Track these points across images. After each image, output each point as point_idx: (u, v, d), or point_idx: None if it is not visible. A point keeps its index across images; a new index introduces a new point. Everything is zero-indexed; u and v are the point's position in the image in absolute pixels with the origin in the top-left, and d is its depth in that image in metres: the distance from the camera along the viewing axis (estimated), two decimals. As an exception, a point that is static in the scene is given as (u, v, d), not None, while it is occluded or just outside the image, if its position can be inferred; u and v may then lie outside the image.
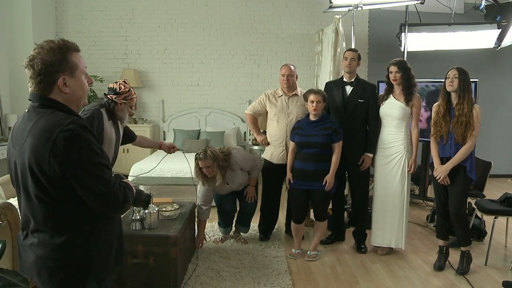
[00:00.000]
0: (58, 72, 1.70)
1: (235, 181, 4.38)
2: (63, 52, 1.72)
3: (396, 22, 6.85)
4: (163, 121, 7.99)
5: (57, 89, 1.71)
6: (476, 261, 4.20)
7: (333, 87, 4.53)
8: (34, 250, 1.75)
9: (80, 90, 1.79)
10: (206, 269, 3.97)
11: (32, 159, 1.63)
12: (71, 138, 1.61)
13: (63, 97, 1.73)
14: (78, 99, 1.80)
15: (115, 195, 1.72)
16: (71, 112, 1.74)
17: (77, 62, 1.76)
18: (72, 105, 1.77)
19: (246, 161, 4.42)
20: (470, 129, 3.76)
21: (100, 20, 7.80)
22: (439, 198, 4.07)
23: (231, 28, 7.86)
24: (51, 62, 1.68)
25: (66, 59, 1.72)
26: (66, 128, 1.61)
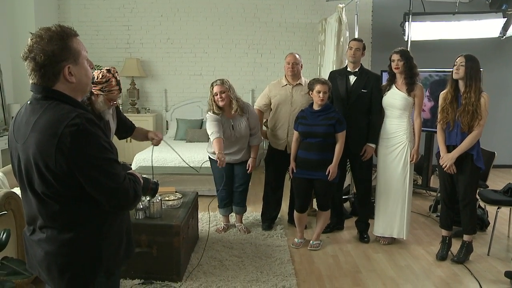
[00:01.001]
0: (62, 61, 1.61)
1: (239, 129, 4.33)
2: (63, 40, 1.63)
3: (399, 11, 6.80)
4: (166, 111, 7.98)
5: (63, 79, 1.63)
6: (478, 251, 4.21)
7: (337, 76, 4.52)
8: (42, 246, 1.69)
9: (86, 77, 1.72)
10: (209, 258, 3.99)
11: (37, 155, 1.56)
12: (78, 133, 1.53)
13: (68, 86, 1.65)
14: (84, 87, 1.73)
15: (125, 191, 1.66)
16: (76, 104, 1.66)
17: (79, 48, 1.69)
18: (78, 94, 1.70)
19: (255, 115, 4.46)
20: (477, 119, 3.72)
21: (102, 9, 7.77)
22: (444, 187, 4.06)
23: (234, 17, 7.83)
24: (53, 52, 1.59)
25: (68, 47, 1.63)
26: (72, 123, 1.53)
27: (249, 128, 4.40)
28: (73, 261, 1.69)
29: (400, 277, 3.74)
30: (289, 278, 3.63)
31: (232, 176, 4.57)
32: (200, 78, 7.97)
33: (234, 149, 4.42)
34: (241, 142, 4.41)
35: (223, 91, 4.20)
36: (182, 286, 3.48)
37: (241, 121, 4.34)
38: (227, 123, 4.33)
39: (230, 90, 4.25)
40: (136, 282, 3.49)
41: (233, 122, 4.33)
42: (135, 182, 1.75)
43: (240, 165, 4.52)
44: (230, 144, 4.37)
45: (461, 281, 3.70)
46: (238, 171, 4.54)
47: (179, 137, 7.23)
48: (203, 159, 5.66)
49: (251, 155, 4.53)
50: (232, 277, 3.64)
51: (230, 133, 4.33)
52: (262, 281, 3.56)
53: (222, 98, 4.20)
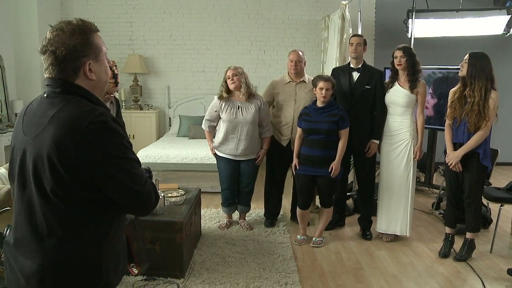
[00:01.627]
0: (83, 57, 1.53)
1: (247, 112, 4.38)
2: (85, 34, 1.55)
3: (403, 8, 6.78)
4: (169, 107, 7.98)
5: (82, 75, 1.55)
6: (481, 248, 4.20)
7: (340, 73, 4.51)
8: (34, 257, 1.51)
9: (105, 75, 1.65)
10: (212, 254, 3.99)
11: (53, 150, 1.43)
12: (103, 131, 1.45)
13: (88, 83, 1.57)
14: (103, 85, 1.66)
15: (148, 194, 1.59)
16: (98, 102, 1.58)
17: (100, 44, 1.61)
18: (96, 92, 1.61)
19: (267, 107, 4.55)
20: (484, 119, 3.69)
21: (105, 5, 7.77)
22: (450, 185, 4.06)
23: (237, 14, 7.81)
24: (75, 47, 1.51)
25: (89, 42, 1.56)
26: (97, 120, 1.45)
27: (258, 117, 4.43)
28: (72, 274, 1.54)
29: (403, 274, 3.74)
30: (291, 274, 3.63)
31: (238, 175, 4.57)
32: (203, 74, 7.96)
33: (238, 137, 4.40)
34: (245, 130, 4.39)
35: (236, 74, 4.38)
36: (185, 282, 3.49)
37: (249, 106, 4.40)
38: (233, 104, 4.40)
39: (242, 76, 4.41)
40: (139, 278, 3.50)
41: (240, 104, 4.40)
42: (153, 184, 1.68)
43: (247, 163, 4.51)
44: (233, 128, 4.39)
45: (463, 278, 3.69)
46: (244, 169, 4.54)
47: (182, 134, 7.23)
48: (206, 156, 5.70)
49: (263, 146, 4.55)
50: (235, 273, 3.64)
51: (235, 115, 4.38)
52: (265, 278, 3.57)
53: (233, 81, 4.35)
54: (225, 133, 4.40)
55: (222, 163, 4.53)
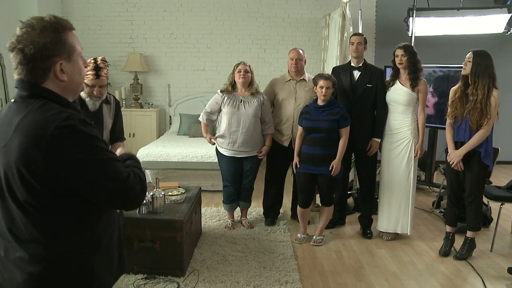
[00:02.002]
0: (54, 56, 1.43)
1: (250, 106, 4.39)
2: (58, 32, 1.44)
3: (403, 6, 6.77)
4: (169, 106, 7.98)
5: (53, 76, 1.45)
6: (481, 247, 4.20)
7: (340, 72, 4.50)
8: (23, 266, 1.45)
9: (78, 76, 1.54)
10: (212, 253, 3.99)
11: (20, 161, 1.35)
12: (71, 135, 1.36)
13: (59, 85, 1.47)
14: (76, 86, 1.55)
15: (130, 188, 1.48)
16: (67, 104, 1.48)
17: (74, 44, 1.50)
18: (69, 94, 1.52)
19: (268, 104, 4.56)
20: (486, 117, 3.69)
21: (105, 4, 7.75)
22: (451, 184, 4.05)
23: (237, 12, 7.80)
24: (45, 45, 1.41)
25: (62, 41, 1.45)
26: (63, 124, 1.35)
27: (260, 112, 4.44)
28: (63, 282, 1.49)
29: (403, 273, 3.74)
30: (292, 273, 3.63)
31: (241, 172, 4.58)
32: (203, 73, 7.95)
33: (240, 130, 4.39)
34: (248, 124, 4.39)
35: (247, 71, 4.41)
36: (185, 281, 3.49)
37: (252, 100, 4.42)
38: (236, 98, 4.42)
39: (252, 73, 4.47)
40: (139, 277, 3.50)
41: (243, 99, 4.42)
42: (138, 174, 1.57)
43: (248, 160, 4.52)
44: (236, 121, 4.39)
45: (464, 277, 3.69)
46: (247, 167, 4.55)
47: (182, 132, 7.22)
48: (206, 154, 5.70)
49: (266, 143, 4.56)
50: (235, 272, 3.65)
51: (238, 108, 4.39)
52: (265, 276, 3.57)
53: (243, 76, 4.37)
54: (227, 126, 4.41)
55: (224, 161, 4.53)
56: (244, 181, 4.60)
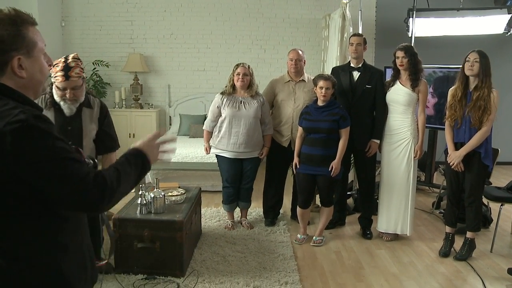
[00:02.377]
0: (12, 51, 1.35)
1: (250, 106, 4.40)
2: (16, 26, 1.36)
3: (403, 7, 6.77)
4: (169, 106, 7.98)
5: (10, 72, 1.36)
6: (481, 248, 4.20)
7: (340, 72, 4.50)
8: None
9: (39, 73, 1.44)
10: (212, 254, 3.99)
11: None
12: (21, 131, 1.25)
13: (17, 82, 1.38)
14: (36, 84, 1.45)
15: (85, 190, 1.31)
16: (24, 100, 1.38)
17: (35, 39, 1.41)
18: (28, 92, 1.42)
19: (267, 104, 4.57)
20: (487, 114, 3.69)
21: (105, 4, 7.75)
22: (451, 185, 4.05)
23: (237, 13, 7.80)
24: (2, 38, 1.33)
25: (21, 35, 1.36)
26: (14, 120, 1.25)
27: (260, 113, 4.45)
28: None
29: (403, 274, 3.74)
30: (292, 274, 3.63)
31: (241, 173, 4.58)
32: (204, 73, 7.95)
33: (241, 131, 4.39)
34: (249, 124, 4.39)
35: (246, 74, 4.40)
36: (185, 281, 3.49)
37: (251, 101, 4.42)
38: (236, 99, 4.43)
39: (251, 76, 4.46)
40: (139, 277, 3.50)
41: (243, 100, 4.42)
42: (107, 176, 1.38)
43: (249, 161, 4.53)
44: (236, 122, 4.39)
45: (464, 278, 3.70)
46: (247, 168, 4.55)
47: (182, 133, 7.22)
48: (206, 155, 5.68)
49: (265, 144, 4.57)
50: (235, 272, 3.65)
51: (238, 108, 4.39)
52: (265, 277, 3.57)
53: (242, 80, 4.36)
54: (227, 126, 4.41)
55: (224, 163, 4.53)
56: (244, 182, 4.60)
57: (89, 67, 7.41)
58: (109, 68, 7.66)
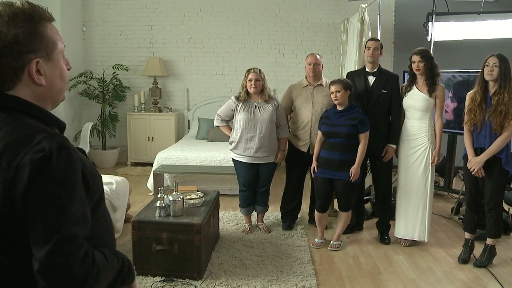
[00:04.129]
0: (29, 52, 1.11)
1: (265, 111, 4.41)
2: (33, 22, 1.12)
3: (423, 11, 6.72)
4: (188, 110, 8.04)
5: (27, 79, 1.13)
6: (502, 255, 4.14)
7: (355, 77, 4.50)
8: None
9: (60, 80, 1.21)
10: (230, 257, 4.01)
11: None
12: (42, 164, 1.03)
13: (34, 91, 1.15)
14: (57, 93, 1.22)
15: (70, 268, 1.03)
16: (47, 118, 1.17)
17: (55, 38, 1.18)
18: (47, 103, 1.20)
19: (282, 109, 4.57)
20: (508, 118, 3.63)
21: (126, 9, 7.86)
22: (470, 190, 4.00)
23: (256, 17, 7.84)
24: (16, 37, 1.09)
25: (39, 33, 1.13)
26: (37, 148, 1.04)
27: (275, 117, 4.46)
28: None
29: (421, 280, 3.71)
30: (309, 278, 3.63)
31: (257, 177, 4.60)
32: (222, 77, 8.00)
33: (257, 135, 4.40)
34: (265, 129, 4.40)
35: (258, 79, 4.41)
36: (203, 284, 3.52)
37: (266, 106, 4.44)
38: (250, 104, 4.45)
39: (264, 80, 4.47)
40: (157, 279, 3.53)
41: (257, 104, 4.44)
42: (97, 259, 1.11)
43: (265, 166, 4.54)
44: (252, 127, 4.41)
45: (484, 285, 3.65)
46: (262, 172, 4.56)
47: (200, 136, 7.28)
48: (224, 159, 5.74)
49: (280, 147, 4.58)
50: (252, 276, 3.66)
51: (253, 113, 4.41)
52: (282, 281, 3.58)
53: (255, 86, 4.38)
54: (242, 132, 4.43)
55: (241, 168, 4.55)
56: (260, 186, 4.61)
57: (109, 71, 7.53)
58: (128, 72, 7.75)
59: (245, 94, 4.46)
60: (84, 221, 1.10)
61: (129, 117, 7.67)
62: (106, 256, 1.17)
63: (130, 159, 7.73)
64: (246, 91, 4.45)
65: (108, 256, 1.18)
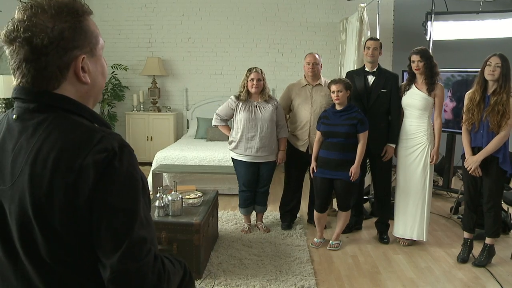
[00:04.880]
0: (74, 48, 1.04)
1: (265, 110, 4.41)
2: (77, 16, 1.05)
3: (422, 10, 6.72)
4: (187, 110, 8.04)
5: (73, 77, 1.05)
6: (501, 254, 4.15)
7: (354, 76, 4.50)
8: None
9: (102, 77, 1.16)
10: (229, 257, 4.01)
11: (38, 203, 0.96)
12: (108, 164, 0.97)
13: (78, 90, 1.07)
14: (99, 91, 1.16)
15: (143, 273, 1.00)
16: (95, 118, 1.10)
17: (97, 33, 1.13)
18: (89, 102, 1.13)
19: (282, 109, 4.57)
20: (505, 118, 3.63)
21: (124, 8, 7.86)
22: (468, 190, 4.01)
23: (254, 17, 7.84)
24: (62, 33, 1.01)
25: (83, 28, 1.06)
26: (99, 148, 0.97)
27: (275, 117, 4.46)
28: None
29: (420, 279, 3.71)
30: (308, 277, 3.63)
31: (257, 177, 4.59)
32: (221, 77, 8.00)
33: (258, 135, 4.40)
34: (265, 128, 4.40)
35: (260, 79, 4.42)
36: (202, 283, 3.52)
37: (266, 106, 4.44)
38: (251, 104, 4.45)
39: (264, 80, 4.48)
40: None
41: (258, 104, 4.44)
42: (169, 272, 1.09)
43: (265, 165, 4.53)
44: (253, 126, 4.41)
45: (483, 284, 3.65)
46: (263, 171, 4.56)
47: (199, 136, 7.28)
48: (223, 158, 5.73)
49: (280, 147, 4.58)
50: (251, 275, 3.66)
51: (254, 113, 4.41)
52: (281, 280, 3.58)
53: (256, 85, 4.38)
54: (243, 131, 4.42)
55: (241, 167, 4.54)
56: (260, 186, 4.61)
57: (108, 71, 7.51)
58: (127, 72, 7.75)
59: (246, 94, 4.45)
60: (149, 224, 1.05)
61: (128, 116, 7.67)
62: (172, 261, 1.14)
63: (129, 159, 7.70)
64: (247, 91, 4.45)
65: (173, 261, 1.16)
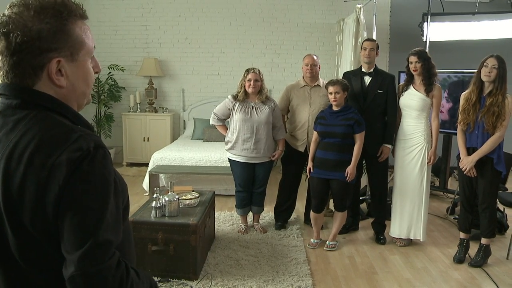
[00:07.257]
0: (51, 51, 1.04)
1: (262, 112, 4.41)
2: (61, 18, 1.04)
3: (418, 11, 6.75)
4: (183, 110, 8.03)
5: (46, 78, 1.06)
6: (497, 254, 4.16)
7: (351, 77, 4.51)
8: None
9: (83, 83, 1.13)
10: (225, 257, 4.01)
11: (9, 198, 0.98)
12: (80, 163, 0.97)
13: (56, 92, 1.08)
14: (79, 97, 1.14)
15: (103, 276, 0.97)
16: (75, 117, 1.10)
17: (83, 37, 1.10)
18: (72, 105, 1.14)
19: (279, 110, 4.59)
20: (500, 119, 3.64)
21: (121, 9, 7.85)
22: (463, 190, 4.02)
23: (251, 18, 7.84)
24: (39, 33, 1.01)
25: (65, 30, 1.05)
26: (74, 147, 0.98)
27: (272, 118, 4.46)
28: None
29: (417, 279, 3.72)
30: (305, 278, 3.63)
31: (253, 178, 4.59)
32: (218, 78, 8.00)
33: (254, 137, 4.40)
34: (261, 130, 4.41)
35: (257, 80, 4.41)
36: (199, 284, 3.51)
37: (263, 107, 4.44)
38: (248, 105, 4.44)
39: (262, 81, 4.47)
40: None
41: (255, 105, 4.43)
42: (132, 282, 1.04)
43: (261, 166, 4.54)
44: (248, 128, 4.41)
45: (479, 284, 3.66)
46: (259, 172, 4.56)
47: (196, 137, 7.27)
48: (220, 159, 5.73)
49: (279, 147, 4.59)
50: (248, 276, 3.66)
51: (250, 114, 4.41)
52: (278, 281, 3.58)
53: (253, 86, 4.37)
54: (239, 133, 4.42)
55: (237, 167, 4.54)
56: (256, 186, 4.61)
57: (104, 71, 7.51)
58: (124, 72, 7.74)
59: (243, 94, 4.45)
60: (116, 229, 1.04)
61: (125, 117, 7.66)
62: (138, 273, 1.10)
63: (125, 160, 7.71)
64: (245, 91, 4.44)
65: (140, 274, 1.10)
